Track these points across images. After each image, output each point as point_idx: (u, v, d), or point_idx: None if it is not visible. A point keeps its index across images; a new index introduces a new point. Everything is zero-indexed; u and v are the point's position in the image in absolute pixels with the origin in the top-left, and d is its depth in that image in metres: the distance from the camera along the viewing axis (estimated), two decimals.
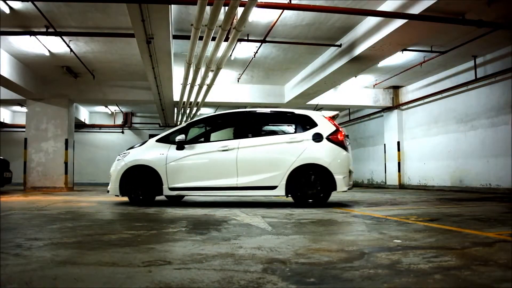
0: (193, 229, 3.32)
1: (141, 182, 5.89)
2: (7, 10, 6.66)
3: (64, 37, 8.03)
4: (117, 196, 5.99)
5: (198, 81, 9.58)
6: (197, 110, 13.43)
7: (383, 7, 6.67)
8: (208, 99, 11.67)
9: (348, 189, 5.68)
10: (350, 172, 5.69)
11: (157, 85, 10.18)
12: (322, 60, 9.61)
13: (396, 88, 13.40)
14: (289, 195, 5.57)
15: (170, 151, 5.88)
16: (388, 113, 13.78)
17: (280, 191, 5.51)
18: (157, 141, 6.09)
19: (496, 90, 9.46)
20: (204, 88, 10.21)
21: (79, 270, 1.92)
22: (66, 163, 11.54)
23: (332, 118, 5.90)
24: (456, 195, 8.48)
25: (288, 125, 6.11)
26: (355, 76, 11.29)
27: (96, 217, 4.39)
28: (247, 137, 5.84)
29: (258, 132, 6.03)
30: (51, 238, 2.83)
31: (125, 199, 6.16)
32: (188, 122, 6.24)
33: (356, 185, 16.39)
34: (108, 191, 6.07)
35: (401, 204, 6.21)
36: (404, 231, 3.17)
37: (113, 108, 16.92)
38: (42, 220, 3.98)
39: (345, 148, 5.65)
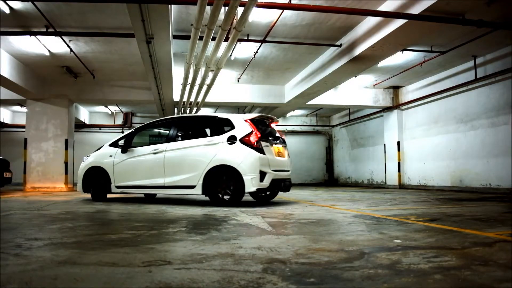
0: (193, 229, 3.32)
1: (96, 181, 6.82)
2: (7, 10, 6.66)
3: (64, 37, 8.03)
4: (85, 193, 7.02)
5: (198, 81, 9.58)
6: (197, 110, 13.42)
7: (383, 7, 6.67)
8: (208, 99, 11.66)
9: (257, 189, 5.67)
10: (263, 173, 5.64)
11: (157, 85, 10.18)
12: (322, 60, 9.61)
13: (396, 88, 13.39)
14: (206, 195, 5.86)
15: (117, 154, 6.69)
16: (388, 113, 13.78)
17: (198, 190, 5.82)
18: (109, 145, 6.94)
19: (496, 90, 9.46)
20: (204, 88, 10.21)
21: (79, 270, 1.92)
22: (66, 163, 11.54)
23: (252, 120, 6.01)
24: (456, 195, 8.48)
25: (211, 128, 6.57)
26: (355, 76, 11.29)
27: (96, 217, 4.40)
28: (175, 140, 6.41)
29: (185, 135, 6.60)
30: (51, 238, 2.83)
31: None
32: (135, 128, 7.05)
33: (356, 185, 16.39)
34: (77, 189, 7.07)
35: (401, 204, 6.21)
36: (404, 231, 3.17)
37: (113, 108, 16.91)
38: (42, 220, 3.98)
39: (258, 149, 5.69)
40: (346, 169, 17.95)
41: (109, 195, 7.15)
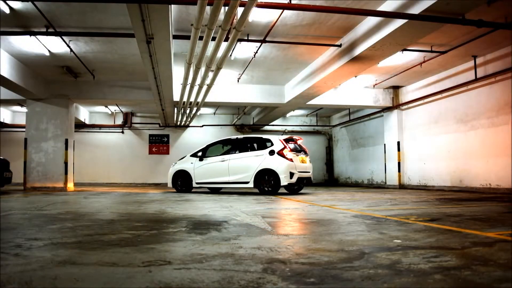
0: (193, 229, 3.32)
1: (181, 179, 10.19)
2: (7, 10, 6.66)
3: (64, 37, 8.03)
4: (171, 187, 10.43)
5: (198, 81, 9.58)
6: (197, 110, 13.42)
7: (383, 7, 6.67)
8: (208, 99, 11.66)
9: (289, 184, 8.83)
10: (291, 173, 8.75)
11: (157, 85, 10.18)
12: (322, 60, 9.61)
13: (396, 88, 13.39)
14: (256, 187, 9.10)
15: (196, 161, 10.05)
16: (388, 113, 13.78)
17: (251, 185, 9.12)
18: (191, 156, 10.32)
19: (496, 90, 9.46)
20: (204, 88, 10.21)
21: (79, 270, 1.92)
22: (66, 163, 11.55)
23: (285, 140, 9.25)
24: (456, 195, 8.48)
25: (257, 145, 9.65)
26: (355, 76, 11.28)
27: (96, 217, 4.39)
28: (235, 152, 9.69)
29: (241, 149, 9.70)
30: (51, 238, 2.83)
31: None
32: (206, 145, 10.39)
33: (356, 185, 16.40)
34: (168, 185, 10.46)
35: (401, 204, 6.21)
36: (404, 231, 3.17)
37: (113, 108, 16.91)
38: (42, 220, 3.98)
39: (287, 158, 8.84)
40: (346, 169, 17.95)
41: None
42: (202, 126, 18.16)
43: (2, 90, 11.22)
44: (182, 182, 10.12)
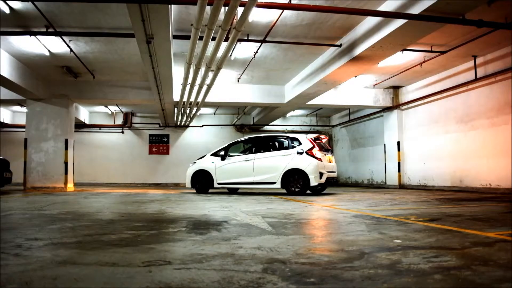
0: (193, 229, 3.32)
1: (201, 179, 9.71)
2: (7, 10, 6.65)
3: (64, 37, 8.03)
4: (189, 188, 10.02)
5: (198, 81, 9.57)
6: (197, 110, 13.42)
7: (383, 7, 6.67)
8: (208, 99, 11.65)
9: (319, 184, 8.58)
10: (321, 173, 8.47)
11: (157, 85, 10.18)
12: (322, 60, 9.61)
13: (396, 88, 13.39)
14: (283, 188, 8.81)
15: (217, 161, 9.61)
16: (388, 113, 13.78)
17: (278, 185, 8.80)
18: (211, 155, 9.92)
19: (496, 90, 9.46)
20: (204, 88, 10.20)
21: (79, 270, 1.92)
22: (66, 163, 11.54)
23: (313, 139, 8.93)
24: (456, 195, 8.48)
25: (283, 144, 9.33)
26: (355, 76, 11.28)
27: (96, 217, 4.39)
28: (259, 152, 9.31)
29: (266, 148, 9.38)
30: (51, 238, 2.83)
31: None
32: (228, 143, 10.08)
33: (356, 185, 16.39)
34: (186, 185, 10.06)
35: (401, 204, 6.21)
36: (404, 231, 3.17)
37: (113, 108, 16.91)
38: (42, 220, 3.98)
39: (317, 158, 8.58)
40: (346, 169, 17.95)
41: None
42: (202, 126, 18.16)
43: (2, 90, 11.22)
44: (202, 182, 9.70)
